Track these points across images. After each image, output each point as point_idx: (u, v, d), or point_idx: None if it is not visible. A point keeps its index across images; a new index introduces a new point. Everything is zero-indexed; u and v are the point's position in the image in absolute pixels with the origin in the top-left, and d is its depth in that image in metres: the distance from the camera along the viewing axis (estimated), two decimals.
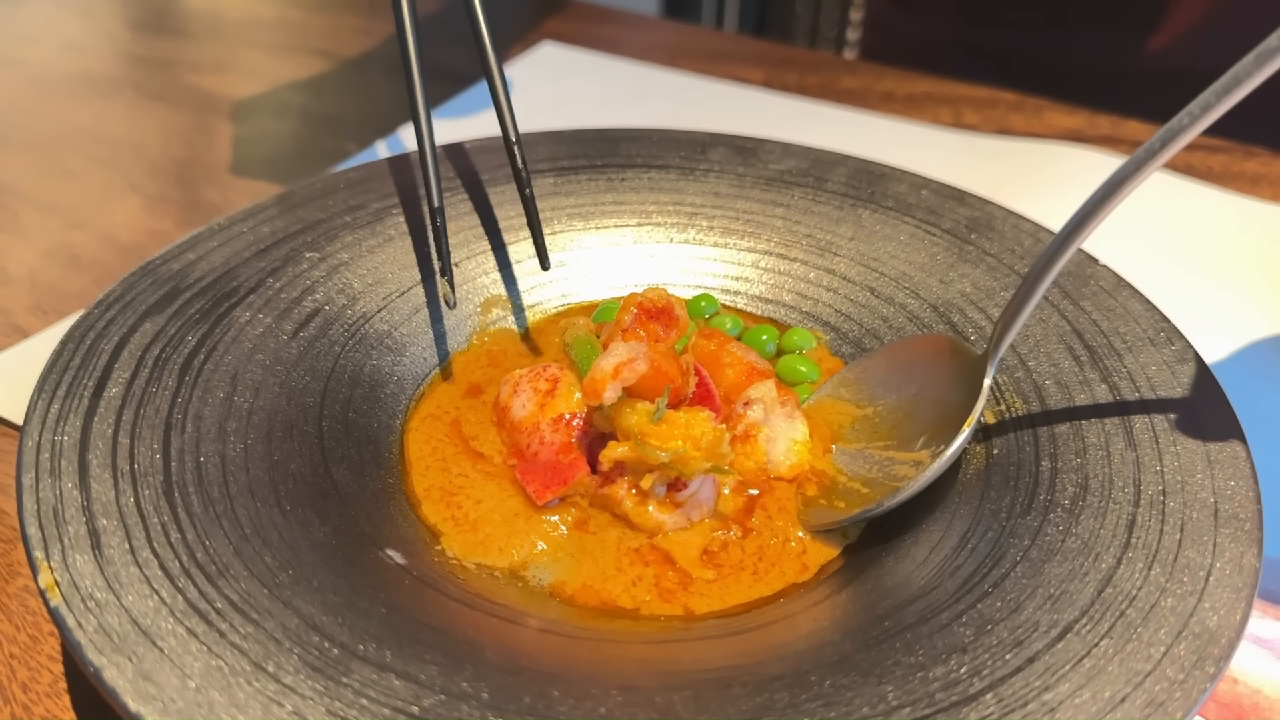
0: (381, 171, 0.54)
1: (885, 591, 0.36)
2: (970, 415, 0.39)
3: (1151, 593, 0.34)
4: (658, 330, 0.46)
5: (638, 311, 0.46)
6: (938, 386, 0.42)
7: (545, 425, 0.42)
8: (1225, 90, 0.33)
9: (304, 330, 0.46)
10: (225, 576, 0.33)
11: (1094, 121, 0.76)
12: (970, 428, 0.39)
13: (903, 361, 0.45)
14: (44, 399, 0.39)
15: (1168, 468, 0.38)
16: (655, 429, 0.39)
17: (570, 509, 0.41)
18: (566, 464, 0.41)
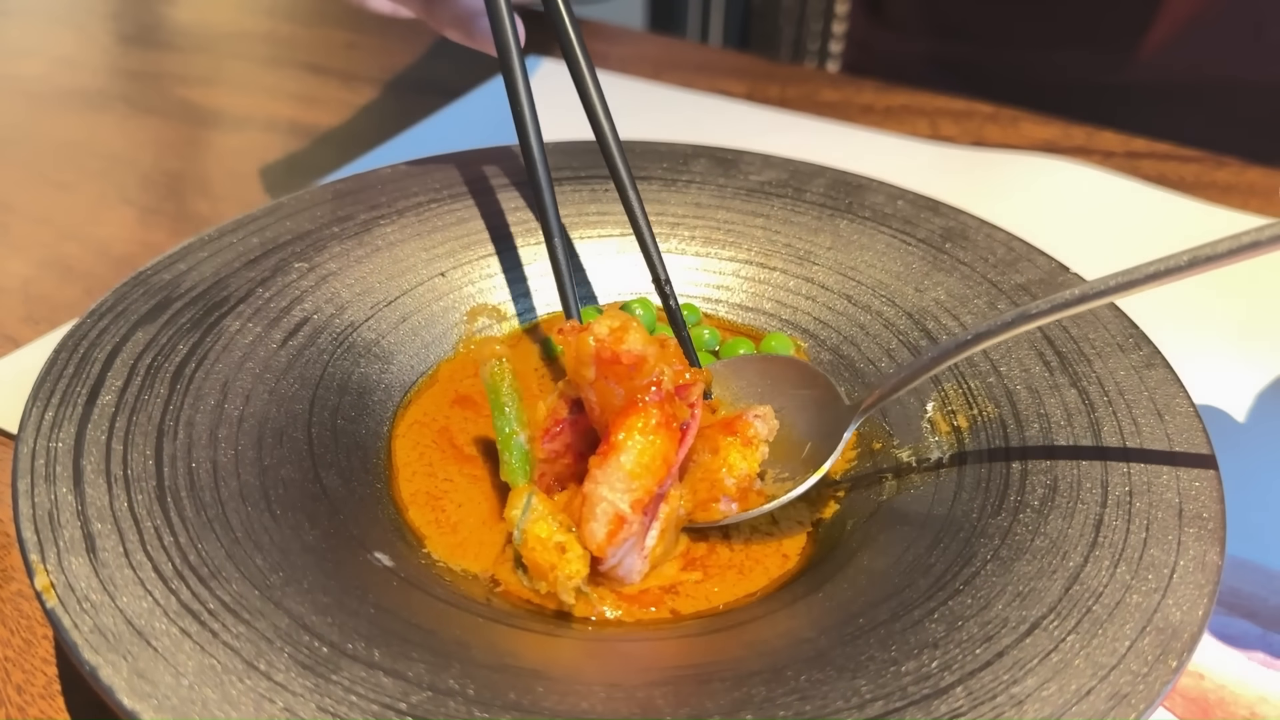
0: (369, 183, 0.55)
1: (860, 589, 0.37)
2: (823, 465, 0.42)
3: (1117, 590, 0.35)
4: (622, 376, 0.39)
5: (596, 367, 0.38)
6: (802, 415, 0.44)
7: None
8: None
9: (293, 339, 0.47)
10: (218, 578, 0.34)
11: (1068, 132, 0.77)
12: (817, 477, 0.41)
13: (772, 377, 0.46)
14: (38, 407, 0.39)
15: (1134, 469, 0.39)
16: (522, 539, 0.38)
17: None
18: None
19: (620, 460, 0.37)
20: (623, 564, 0.38)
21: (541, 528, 0.38)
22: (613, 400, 0.38)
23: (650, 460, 0.37)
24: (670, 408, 0.38)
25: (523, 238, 0.55)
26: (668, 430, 0.38)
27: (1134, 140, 0.76)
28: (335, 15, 1.01)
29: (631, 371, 0.37)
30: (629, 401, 0.38)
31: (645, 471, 0.37)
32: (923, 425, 0.45)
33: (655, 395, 0.37)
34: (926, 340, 0.48)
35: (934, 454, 0.43)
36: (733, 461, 0.41)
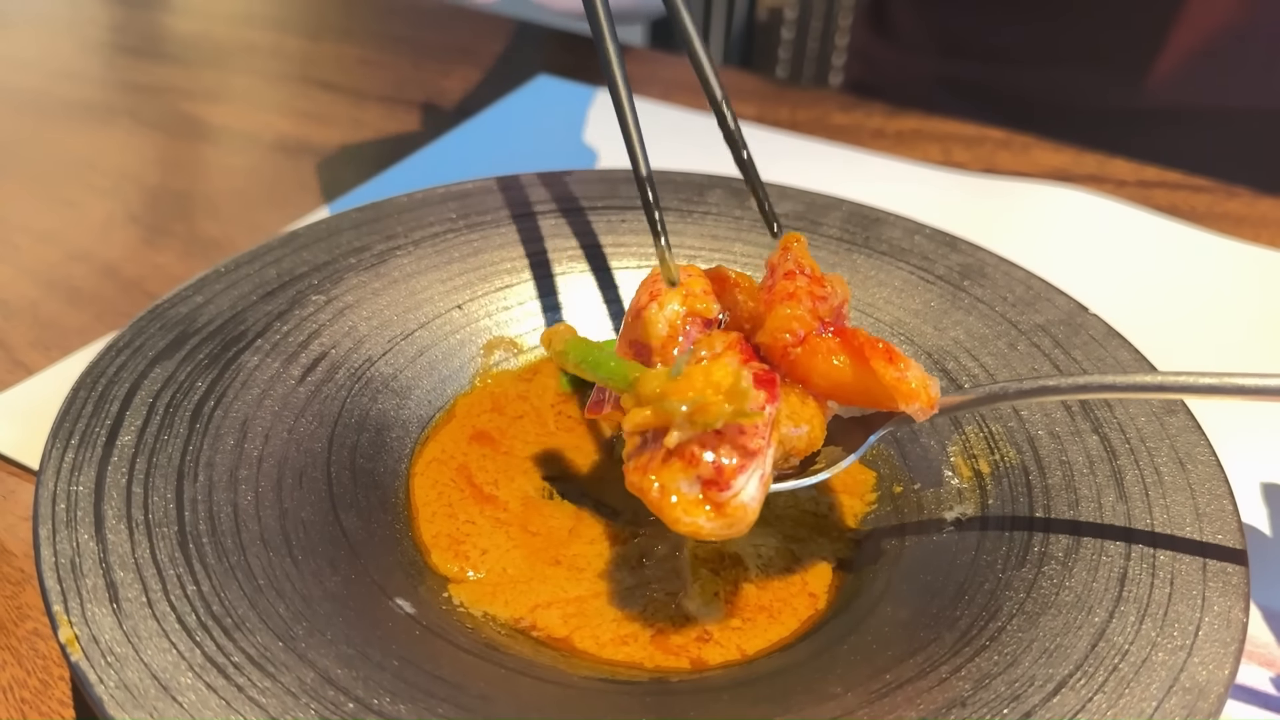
0: (385, 212, 0.55)
1: (885, 642, 0.37)
2: (843, 461, 0.40)
3: (1143, 647, 0.35)
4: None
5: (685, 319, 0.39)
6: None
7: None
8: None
9: (311, 375, 0.46)
10: (241, 629, 0.34)
11: (1080, 160, 0.77)
12: (834, 470, 0.40)
13: None
14: (58, 448, 0.39)
15: (1157, 520, 0.39)
16: (675, 384, 0.35)
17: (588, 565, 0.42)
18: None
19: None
20: (744, 490, 0.34)
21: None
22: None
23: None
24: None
25: (539, 269, 0.55)
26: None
27: (1146, 169, 0.76)
28: (344, 30, 1.01)
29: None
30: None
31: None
32: (944, 470, 0.45)
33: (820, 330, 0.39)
34: (946, 379, 0.48)
35: (956, 500, 0.43)
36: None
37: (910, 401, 0.37)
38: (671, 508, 0.33)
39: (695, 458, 0.33)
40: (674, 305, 0.39)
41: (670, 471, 0.33)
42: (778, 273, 0.40)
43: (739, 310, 0.41)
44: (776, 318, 0.38)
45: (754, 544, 0.43)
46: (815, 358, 0.38)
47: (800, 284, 0.39)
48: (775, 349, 0.38)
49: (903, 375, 0.37)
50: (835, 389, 0.39)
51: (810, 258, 0.41)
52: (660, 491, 0.33)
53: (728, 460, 0.33)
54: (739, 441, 0.33)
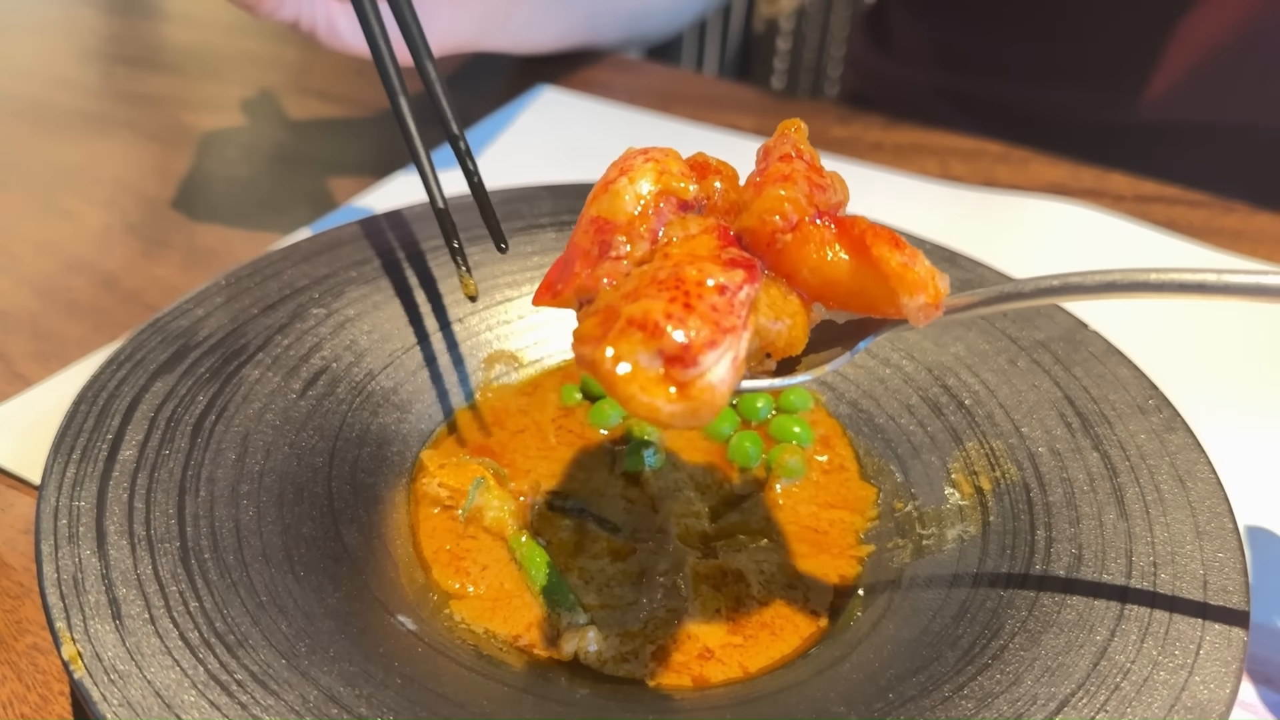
0: (385, 225, 0.55)
1: (887, 660, 0.37)
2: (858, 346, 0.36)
3: (1144, 665, 0.35)
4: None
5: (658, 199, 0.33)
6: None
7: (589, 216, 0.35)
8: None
9: (312, 389, 0.46)
10: (244, 646, 0.34)
11: (1078, 174, 0.78)
12: (816, 373, 0.36)
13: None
14: (59, 462, 0.39)
15: (1158, 539, 0.40)
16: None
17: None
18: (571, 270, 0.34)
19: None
20: (713, 371, 0.29)
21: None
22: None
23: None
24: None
25: (539, 282, 0.55)
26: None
27: (1143, 183, 0.76)
28: None
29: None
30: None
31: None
32: (945, 487, 0.45)
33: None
34: (946, 396, 0.48)
35: (957, 517, 0.43)
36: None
37: (915, 293, 0.32)
38: (626, 382, 0.28)
39: (659, 329, 0.29)
40: (647, 181, 0.33)
41: (629, 342, 0.29)
42: (772, 155, 0.35)
43: (717, 201, 0.35)
44: (767, 199, 0.33)
45: (756, 560, 0.43)
46: (807, 247, 0.33)
47: (798, 167, 0.34)
48: (761, 236, 0.33)
49: (909, 262, 0.32)
50: (825, 287, 0.33)
51: (810, 146, 0.36)
52: (614, 362, 0.28)
53: (696, 334, 0.29)
54: (711, 316, 0.29)
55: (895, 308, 0.33)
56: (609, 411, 0.50)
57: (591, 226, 0.34)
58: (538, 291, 0.35)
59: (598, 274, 0.32)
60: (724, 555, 0.43)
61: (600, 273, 0.32)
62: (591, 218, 0.34)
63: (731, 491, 0.47)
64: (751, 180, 0.35)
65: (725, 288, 0.30)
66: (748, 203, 0.34)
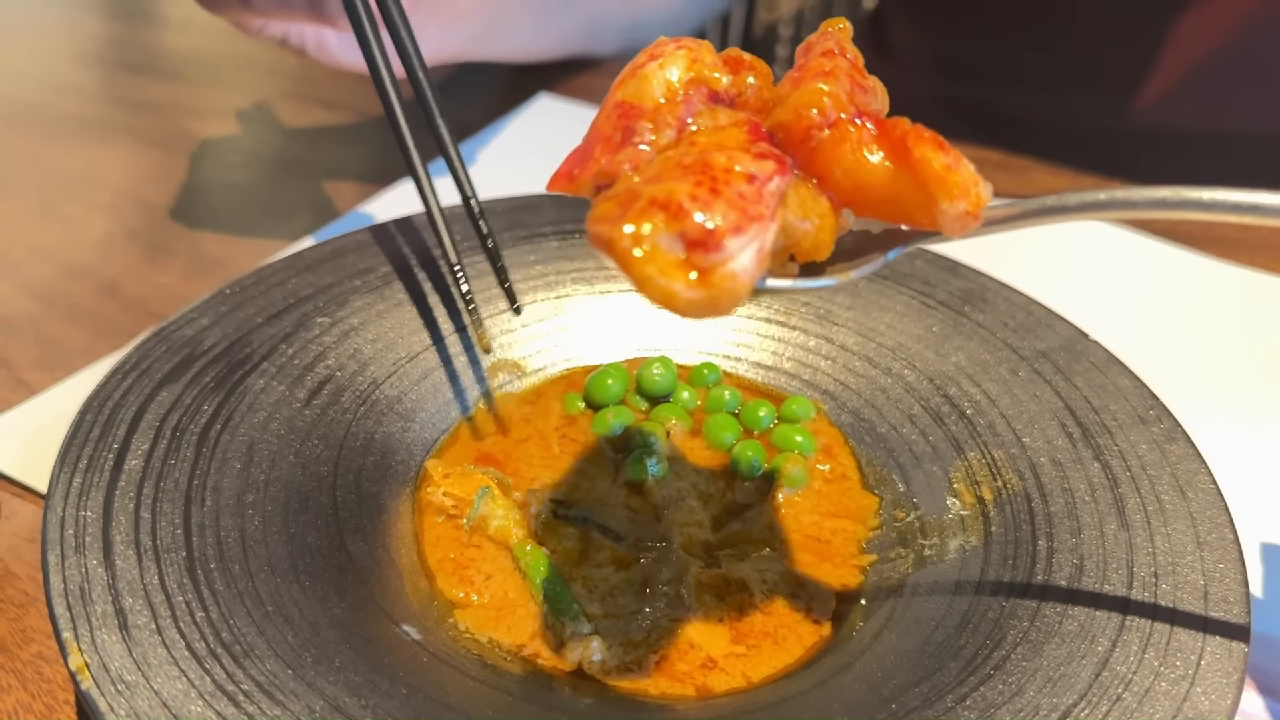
0: (390, 233, 0.55)
1: (890, 670, 0.37)
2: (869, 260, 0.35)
3: (1146, 676, 0.35)
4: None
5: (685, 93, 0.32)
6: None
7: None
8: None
9: (316, 398, 0.47)
10: (250, 657, 0.34)
11: (1078, 183, 0.78)
12: (843, 279, 0.34)
13: None
14: (66, 472, 0.39)
15: (1159, 549, 0.40)
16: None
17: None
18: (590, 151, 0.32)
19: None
20: (737, 258, 0.28)
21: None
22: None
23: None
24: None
25: (544, 291, 0.55)
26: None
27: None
28: None
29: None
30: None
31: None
32: (947, 496, 0.45)
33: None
34: (948, 405, 0.49)
35: (959, 526, 0.44)
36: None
37: (956, 198, 0.31)
38: (644, 263, 0.27)
39: (682, 211, 0.27)
40: (678, 68, 0.32)
41: (650, 222, 0.27)
42: (814, 51, 0.33)
43: (749, 97, 0.34)
44: (806, 92, 0.31)
45: (759, 569, 0.43)
46: (843, 147, 0.31)
47: (840, 64, 0.32)
48: (796, 131, 0.32)
49: (953, 164, 0.31)
50: (858, 190, 0.32)
51: (855, 47, 0.34)
52: (633, 241, 0.27)
53: (721, 218, 0.27)
54: (738, 203, 0.28)
55: (930, 216, 0.31)
56: (612, 420, 0.50)
57: (615, 111, 0.32)
58: (553, 177, 0.33)
59: (619, 159, 0.30)
60: (727, 564, 0.43)
61: (622, 158, 0.30)
62: (616, 102, 0.32)
63: (734, 500, 0.47)
64: (789, 77, 0.33)
65: (754, 176, 0.29)
66: (782, 98, 0.32)
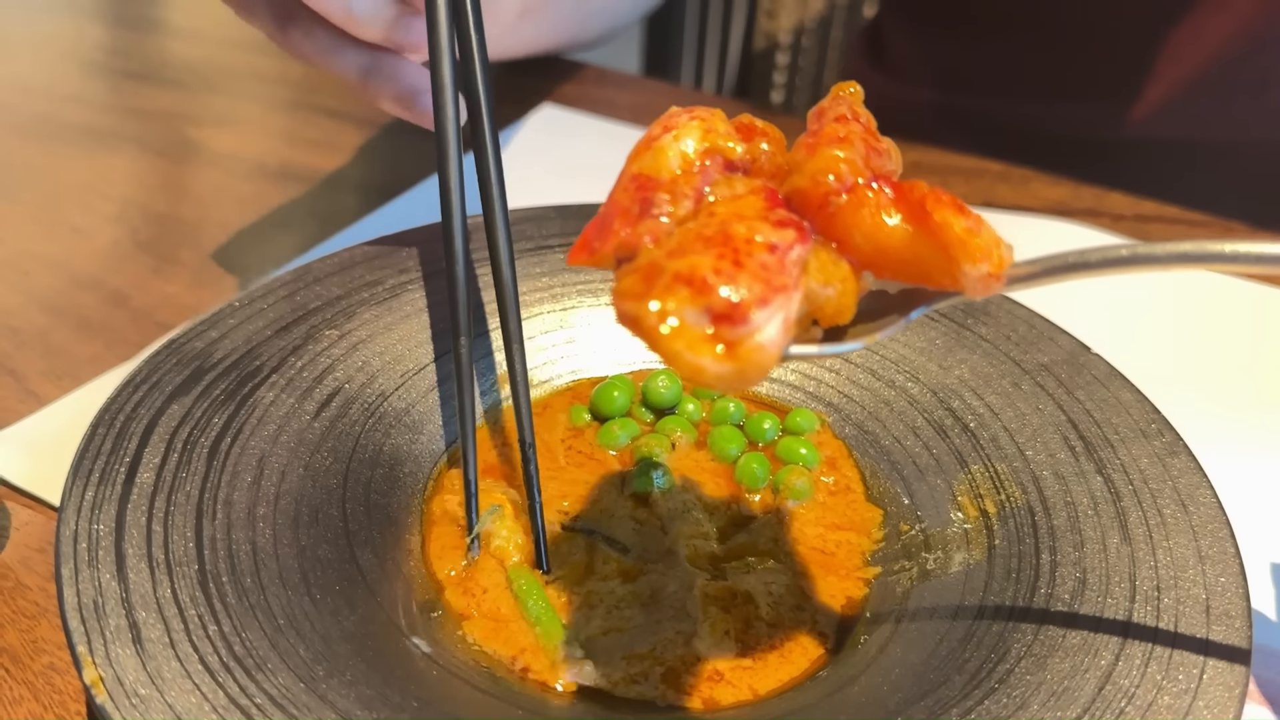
0: (397, 244, 0.56)
1: (895, 684, 0.38)
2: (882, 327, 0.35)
3: (1149, 690, 0.36)
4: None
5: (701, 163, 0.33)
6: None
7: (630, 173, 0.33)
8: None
9: (325, 410, 0.47)
10: (263, 670, 0.35)
11: (1078, 193, 0.78)
12: (867, 340, 0.34)
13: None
14: (78, 486, 0.40)
15: (1161, 563, 0.40)
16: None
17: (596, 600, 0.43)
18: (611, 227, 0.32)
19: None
20: (764, 330, 0.29)
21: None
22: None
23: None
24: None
25: (549, 304, 0.55)
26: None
27: (1143, 203, 0.77)
28: None
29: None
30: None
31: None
32: (951, 510, 0.45)
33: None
34: (951, 418, 0.49)
35: (963, 539, 0.44)
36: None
37: (977, 263, 0.31)
38: (671, 339, 0.27)
39: (708, 286, 0.28)
40: (692, 139, 0.33)
41: (675, 298, 0.28)
42: (826, 117, 0.34)
43: (763, 163, 0.34)
44: (822, 159, 0.32)
45: (764, 581, 0.43)
46: (861, 211, 0.32)
47: (854, 129, 0.33)
48: (813, 197, 0.32)
49: (974, 228, 0.31)
50: (878, 254, 0.32)
51: (867, 110, 0.35)
52: (659, 318, 0.28)
53: (746, 291, 0.28)
54: (761, 275, 0.29)
55: (952, 277, 0.32)
56: (618, 433, 0.50)
57: (633, 184, 0.33)
58: (573, 250, 0.34)
59: (639, 231, 0.31)
60: (733, 576, 0.44)
61: (641, 230, 0.31)
62: (633, 175, 0.33)
63: (739, 512, 0.48)
64: (803, 142, 0.34)
65: (775, 246, 0.29)
66: (798, 164, 0.33)
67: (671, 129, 0.33)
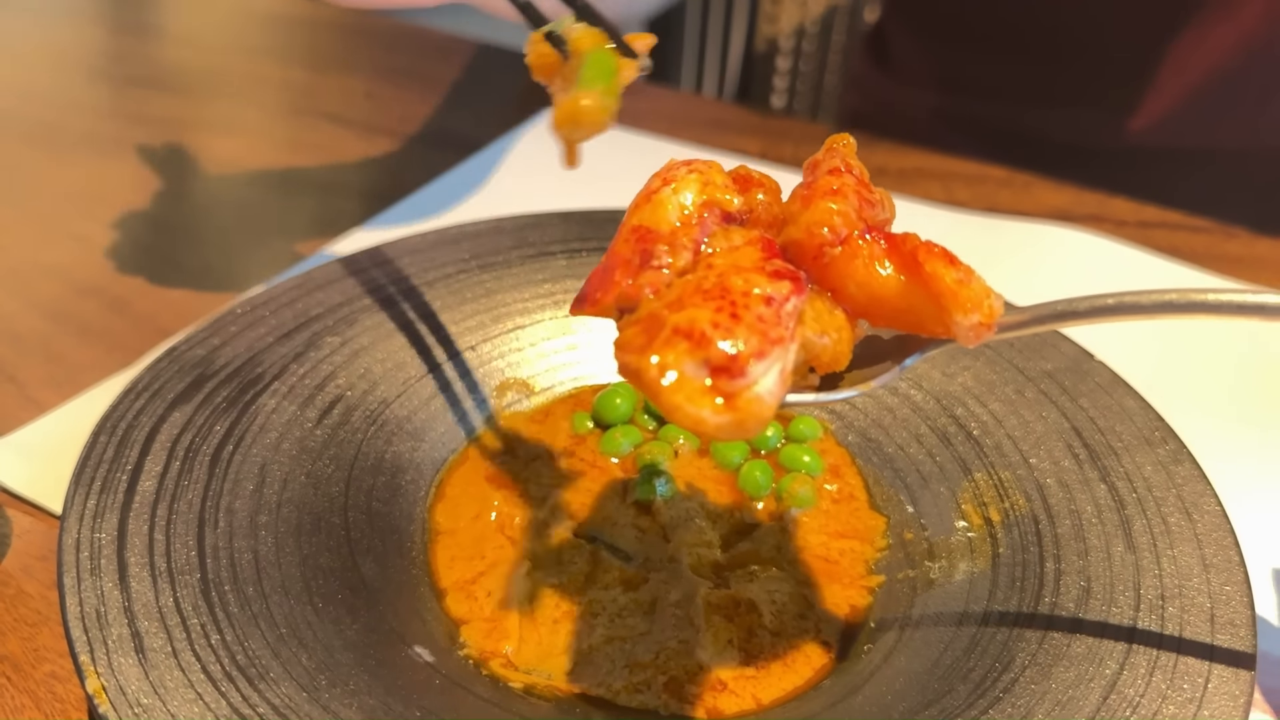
0: (399, 252, 0.56)
1: (899, 693, 0.37)
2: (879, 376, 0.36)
3: (1153, 699, 0.35)
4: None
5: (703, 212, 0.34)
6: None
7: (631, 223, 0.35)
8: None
9: (327, 418, 0.47)
10: (265, 680, 0.34)
11: (1081, 199, 0.78)
12: (863, 389, 0.36)
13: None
14: (80, 494, 0.40)
15: (1166, 571, 0.40)
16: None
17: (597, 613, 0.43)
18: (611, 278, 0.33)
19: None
20: (761, 382, 0.30)
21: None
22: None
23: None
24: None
25: (550, 310, 0.55)
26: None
27: (1145, 209, 0.77)
28: (350, 63, 1.02)
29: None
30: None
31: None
32: (955, 517, 0.45)
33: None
34: (955, 426, 0.49)
35: (967, 547, 0.44)
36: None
37: (968, 313, 0.32)
38: (671, 392, 0.28)
39: (706, 339, 0.29)
40: (690, 192, 0.34)
41: (674, 351, 0.29)
42: (820, 169, 0.35)
43: (760, 213, 0.35)
44: (816, 211, 0.33)
45: (767, 590, 0.43)
46: (855, 262, 0.33)
47: (847, 181, 0.34)
48: (808, 249, 0.33)
49: (964, 279, 0.32)
50: (873, 304, 0.33)
51: (859, 162, 0.36)
52: (660, 371, 0.28)
53: (744, 344, 0.29)
54: (758, 327, 0.29)
55: (944, 326, 0.33)
56: (620, 440, 0.50)
57: (633, 235, 0.34)
58: (575, 301, 0.35)
59: (640, 283, 0.32)
60: (736, 585, 0.44)
61: (642, 281, 0.32)
62: (633, 227, 0.34)
63: (742, 520, 0.47)
64: (798, 194, 0.35)
65: (772, 299, 0.30)
66: (793, 215, 0.34)
67: (670, 182, 0.34)
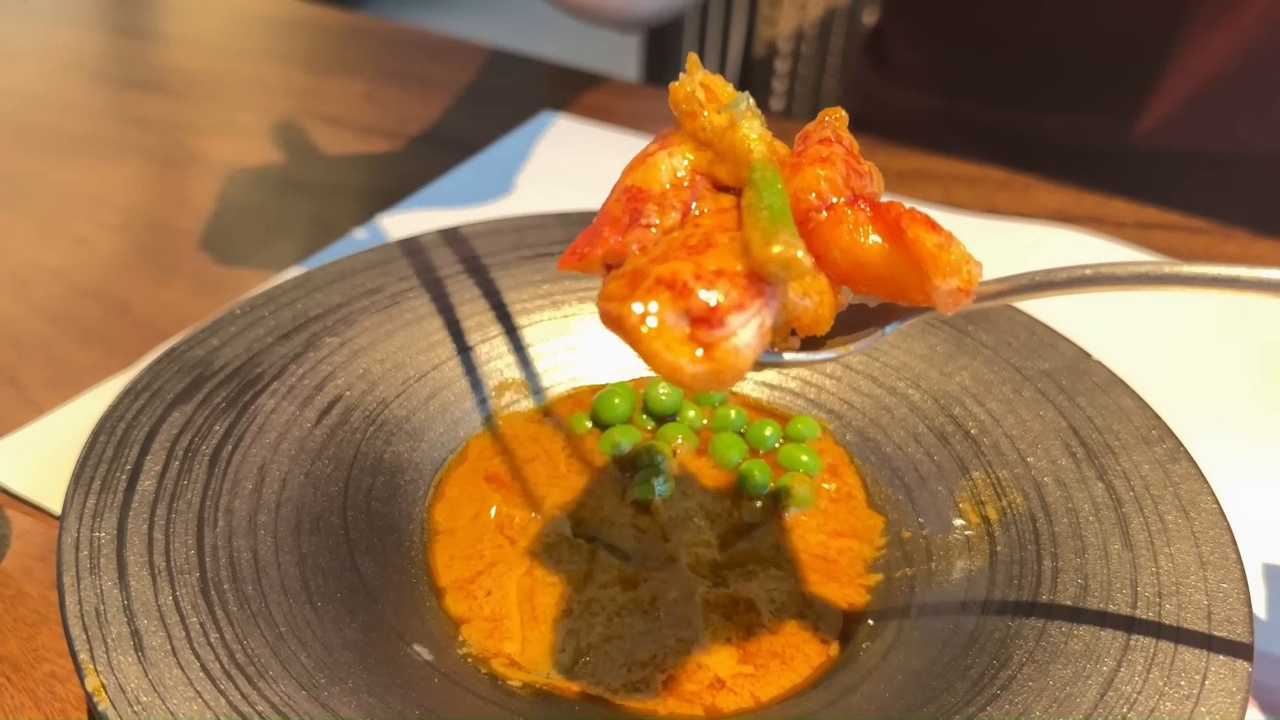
0: (398, 253, 0.56)
1: (898, 691, 0.37)
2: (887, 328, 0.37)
3: (1151, 696, 0.35)
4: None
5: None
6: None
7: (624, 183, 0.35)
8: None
9: (326, 418, 0.47)
10: (265, 678, 0.35)
11: (1080, 201, 0.78)
12: (841, 353, 0.37)
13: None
14: (80, 494, 0.40)
15: (1163, 569, 0.40)
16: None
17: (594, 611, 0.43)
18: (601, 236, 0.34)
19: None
20: (739, 334, 0.30)
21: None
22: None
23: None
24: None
25: (549, 310, 0.55)
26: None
27: (1144, 210, 0.77)
28: (350, 66, 1.02)
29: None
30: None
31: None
32: (952, 516, 0.45)
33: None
34: (953, 425, 0.49)
35: (965, 546, 0.44)
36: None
37: (948, 276, 0.32)
38: (651, 339, 0.29)
39: (687, 289, 0.29)
40: (684, 157, 0.34)
41: (656, 300, 0.29)
42: (811, 138, 0.35)
43: None
44: (804, 177, 0.33)
45: (766, 589, 0.43)
46: (840, 228, 0.33)
47: (837, 151, 0.34)
48: (795, 214, 0.33)
49: (945, 244, 0.32)
50: (856, 270, 0.34)
51: (850, 134, 0.36)
52: (640, 318, 0.29)
53: (724, 296, 0.29)
54: (740, 281, 0.30)
55: (925, 293, 0.33)
56: (619, 440, 0.50)
57: (625, 195, 0.34)
58: (564, 255, 0.35)
59: (627, 240, 0.32)
60: (734, 584, 0.44)
61: (630, 239, 0.32)
62: (625, 187, 0.35)
63: (740, 519, 0.48)
64: (787, 161, 0.35)
65: None
66: (783, 181, 0.34)
67: (666, 146, 0.34)
